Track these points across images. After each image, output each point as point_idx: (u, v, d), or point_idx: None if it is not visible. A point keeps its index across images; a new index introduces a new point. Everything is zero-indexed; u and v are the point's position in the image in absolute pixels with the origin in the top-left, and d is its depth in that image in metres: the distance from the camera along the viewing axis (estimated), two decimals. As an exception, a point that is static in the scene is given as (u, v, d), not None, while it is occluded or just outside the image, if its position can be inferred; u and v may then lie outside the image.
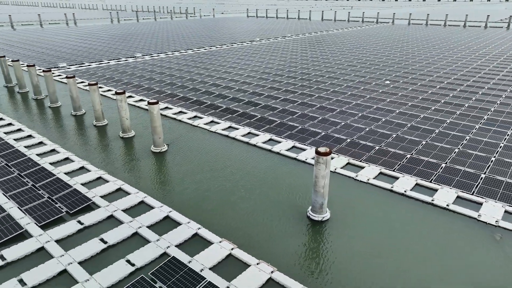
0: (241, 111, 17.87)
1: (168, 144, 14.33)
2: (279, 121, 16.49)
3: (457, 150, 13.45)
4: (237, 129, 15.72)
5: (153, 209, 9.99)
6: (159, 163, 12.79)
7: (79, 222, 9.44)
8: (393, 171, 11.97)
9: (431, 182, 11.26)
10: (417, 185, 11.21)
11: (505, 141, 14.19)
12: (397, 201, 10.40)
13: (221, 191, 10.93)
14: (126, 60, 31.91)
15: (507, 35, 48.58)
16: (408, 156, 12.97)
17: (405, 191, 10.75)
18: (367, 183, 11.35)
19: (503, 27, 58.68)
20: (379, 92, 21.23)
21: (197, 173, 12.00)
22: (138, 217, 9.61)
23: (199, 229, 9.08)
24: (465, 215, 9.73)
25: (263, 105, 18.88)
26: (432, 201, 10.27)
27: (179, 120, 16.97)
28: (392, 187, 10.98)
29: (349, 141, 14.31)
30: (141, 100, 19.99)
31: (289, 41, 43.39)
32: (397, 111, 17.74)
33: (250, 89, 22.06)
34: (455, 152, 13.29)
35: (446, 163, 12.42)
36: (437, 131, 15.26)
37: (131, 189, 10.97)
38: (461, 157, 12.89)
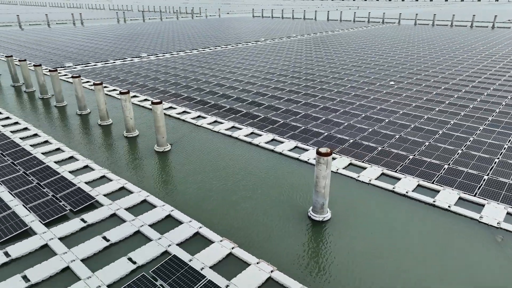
0: (245, 111, 17.94)
1: (171, 143, 14.44)
2: (282, 121, 16.54)
3: (460, 151, 13.40)
4: (240, 129, 15.79)
5: (155, 208, 10.09)
6: (162, 162, 12.90)
7: (83, 220, 9.57)
8: (395, 172, 11.97)
9: (433, 183, 11.24)
10: (419, 186, 11.19)
11: (509, 143, 14.10)
12: (398, 202, 10.40)
13: (222, 190, 11.01)
14: (131, 60, 32.14)
15: (515, 35, 48.13)
16: (410, 157, 12.95)
17: (407, 192, 10.75)
18: (369, 184, 11.36)
19: (510, 28, 58.14)
20: (383, 92, 21.19)
21: (199, 173, 12.09)
22: (140, 215, 9.71)
23: (200, 228, 9.16)
24: (466, 216, 9.71)
25: (266, 105, 18.93)
26: (433, 202, 10.25)
27: (182, 120, 17.08)
28: (393, 188, 10.98)
29: (352, 141, 14.31)
30: (146, 99, 20.14)
31: (294, 41, 43.40)
32: (401, 112, 17.70)
33: (254, 89, 22.13)
34: (458, 153, 13.24)
35: (449, 165, 12.38)
36: (440, 132, 15.20)
37: (134, 188, 11.09)
38: (464, 158, 12.84)
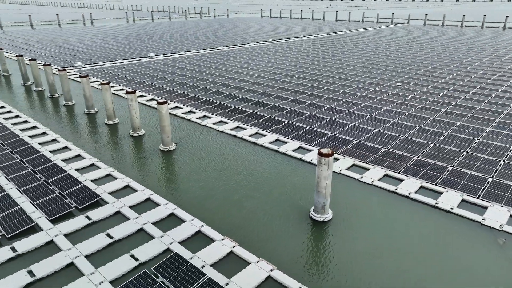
0: (250, 111, 18.04)
1: (176, 143, 14.60)
2: (286, 122, 16.60)
3: (465, 153, 13.33)
4: (245, 129, 15.90)
5: (158, 206, 10.24)
6: (167, 161, 13.06)
7: (87, 217, 9.76)
8: (399, 173, 11.95)
9: (436, 185, 11.21)
10: (422, 187, 11.17)
11: (515, 145, 13.98)
12: (400, 203, 10.40)
13: (225, 189, 11.12)
14: (139, 60, 32.47)
15: (526, 36, 47.46)
16: (414, 158, 12.92)
17: (409, 194, 10.74)
18: (372, 185, 11.37)
19: (522, 28, 57.32)
20: (389, 93, 21.11)
21: (203, 172, 12.22)
22: (144, 213, 9.87)
23: (202, 226, 9.28)
24: (469, 218, 9.67)
25: (271, 105, 19.01)
26: (436, 204, 10.23)
27: (188, 119, 17.25)
28: (396, 189, 10.97)
29: (356, 142, 14.32)
30: (152, 99, 20.37)
31: (301, 42, 43.38)
32: (406, 113, 17.63)
33: (260, 89, 22.22)
34: (463, 155, 13.17)
35: (453, 166, 12.33)
36: (446, 133, 15.12)
37: (138, 186, 11.26)
38: (469, 160, 12.76)
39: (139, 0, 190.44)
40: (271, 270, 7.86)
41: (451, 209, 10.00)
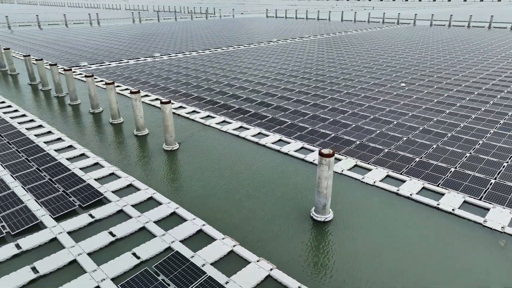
0: (253, 112, 18.10)
1: (179, 142, 14.71)
2: (290, 122, 16.64)
3: (469, 154, 13.27)
4: (248, 129, 15.96)
5: (161, 205, 10.34)
6: (170, 161, 13.17)
7: (91, 215, 9.88)
8: (401, 174, 11.95)
9: (438, 186, 11.19)
10: (424, 188, 11.16)
11: (519, 147, 13.89)
12: (402, 204, 10.40)
13: (227, 189, 11.19)
14: (144, 59, 32.68)
15: (534, 37, 46.99)
16: (417, 159, 12.90)
17: (411, 195, 10.73)
18: (373, 186, 11.38)
19: (530, 29, 56.75)
20: (394, 94, 21.06)
21: (205, 171, 12.30)
22: (146, 212, 9.97)
23: (203, 225, 9.36)
24: (470, 220, 9.65)
25: (275, 105, 19.06)
26: (437, 205, 10.22)
27: (192, 119, 17.36)
28: (398, 190, 10.97)
29: (359, 143, 14.32)
30: (157, 99, 20.51)
31: (306, 42, 43.36)
32: (410, 114, 17.58)
33: (263, 89, 22.28)
34: (466, 156, 13.12)
35: (455, 168, 12.29)
36: (449, 134, 15.07)
37: (141, 185, 11.37)
38: (472, 161, 12.71)
39: (146, 0, 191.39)
40: (271, 269, 7.91)
41: (453, 210, 9.99)
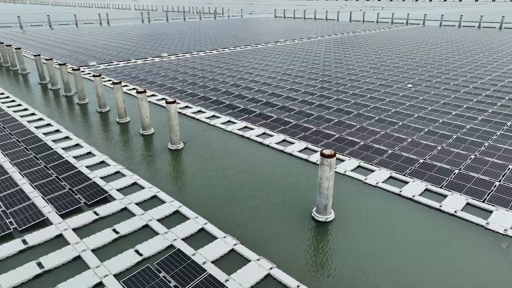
0: (258, 112, 18.19)
1: (184, 142, 14.87)
2: (294, 123, 16.69)
3: (473, 156, 13.19)
4: (252, 129, 16.06)
5: (164, 203, 10.49)
6: (174, 160, 13.32)
7: (95, 213, 10.07)
8: (404, 175, 11.93)
9: (441, 187, 11.15)
10: (427, 190, 11.13)
11: (526, 149, 13.76)
12: (404, 206, 10.40)
13: (229, 188, 11.30)
14: (152, 59, 32.98)
15: (545, 38, 46.29)
16: (421, 161, 12.86)
17: (413, 196, 10.72)
18: (376, 187, 11.39)
19: (542, 30, 55.89)
20: (400, 95, 20.97)
21: (208, 171, 12.43)
22: (149, 210, 10.13)
23: (205, 224, 9.48)
24: (472, 222, 9.61)
25: (280, 106, 19.12)
26: (440, 207, 10.19)
27: (197, 119, 17.51)
28: (400, 192, 10.97)
29: (363, 144, 14.32)
30: (163, 99, 20.72)
31: (314, 43, 43.31)
32: (416, 115, 17.51)
33: (269, 90, 22.35)
34: (470, 158, 13.05)
35: (459, 169, 12.23)
36: (454, 136, 14.98)
37: (145, 183, 11.54)
38: (477, 163, 12.64)
39: (155, 0, 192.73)
40: (271, 268, 8.00)
41: (455, 212, 9.96)
